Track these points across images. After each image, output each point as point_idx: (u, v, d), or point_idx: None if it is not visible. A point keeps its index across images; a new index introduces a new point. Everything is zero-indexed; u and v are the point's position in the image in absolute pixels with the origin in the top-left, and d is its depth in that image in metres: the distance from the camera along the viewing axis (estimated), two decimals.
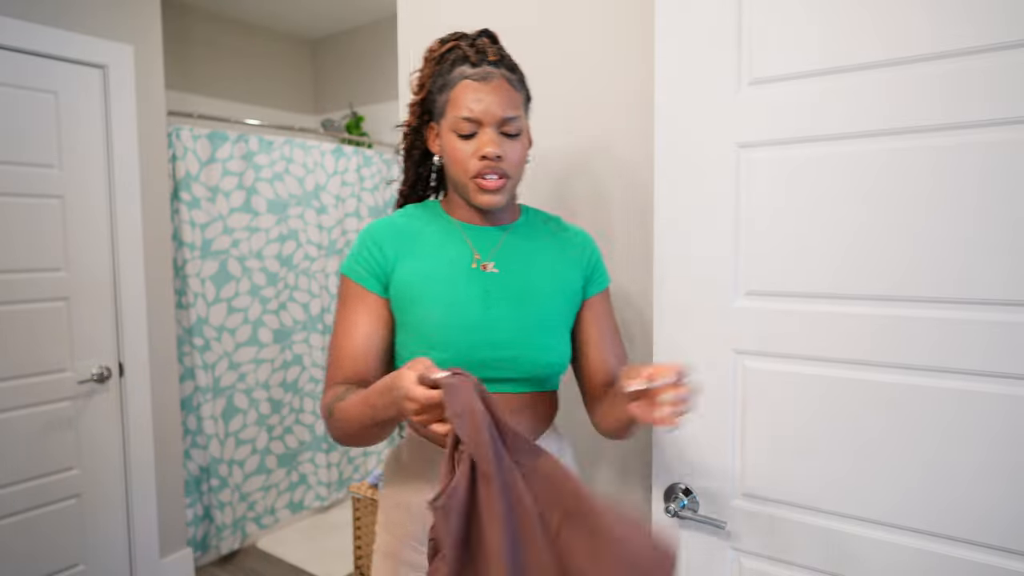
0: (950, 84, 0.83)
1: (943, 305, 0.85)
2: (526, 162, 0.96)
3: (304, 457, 3.04)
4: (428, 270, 0.93)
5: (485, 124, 0.89)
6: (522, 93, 0.94)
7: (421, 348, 0.90)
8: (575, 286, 1.00)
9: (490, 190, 0.90)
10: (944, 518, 0.87)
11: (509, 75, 0.92)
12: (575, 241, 1.03)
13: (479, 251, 0.96)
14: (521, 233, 1.00)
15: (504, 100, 0.89)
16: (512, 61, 0.95)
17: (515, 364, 0.92)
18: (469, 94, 0.89)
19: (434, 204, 1.03)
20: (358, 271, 0.94)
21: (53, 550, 2.08)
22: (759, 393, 1.00)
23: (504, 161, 0.90)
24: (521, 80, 0.95)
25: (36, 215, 2.00)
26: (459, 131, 0.90)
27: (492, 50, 0.92)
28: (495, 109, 0.89)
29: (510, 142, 0.91)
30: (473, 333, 0.90)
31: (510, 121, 0.90)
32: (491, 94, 0.89)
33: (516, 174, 0.93)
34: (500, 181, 0.90)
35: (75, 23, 2.06)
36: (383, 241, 0.95)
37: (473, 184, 0.91)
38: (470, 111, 0.89)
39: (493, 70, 0.90)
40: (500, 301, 0.93)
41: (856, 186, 0.90)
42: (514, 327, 0.92)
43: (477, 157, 0.89)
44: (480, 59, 0.91)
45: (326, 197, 3.01)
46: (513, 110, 0.90)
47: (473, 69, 0.90)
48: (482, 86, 0.89)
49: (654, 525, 1.12)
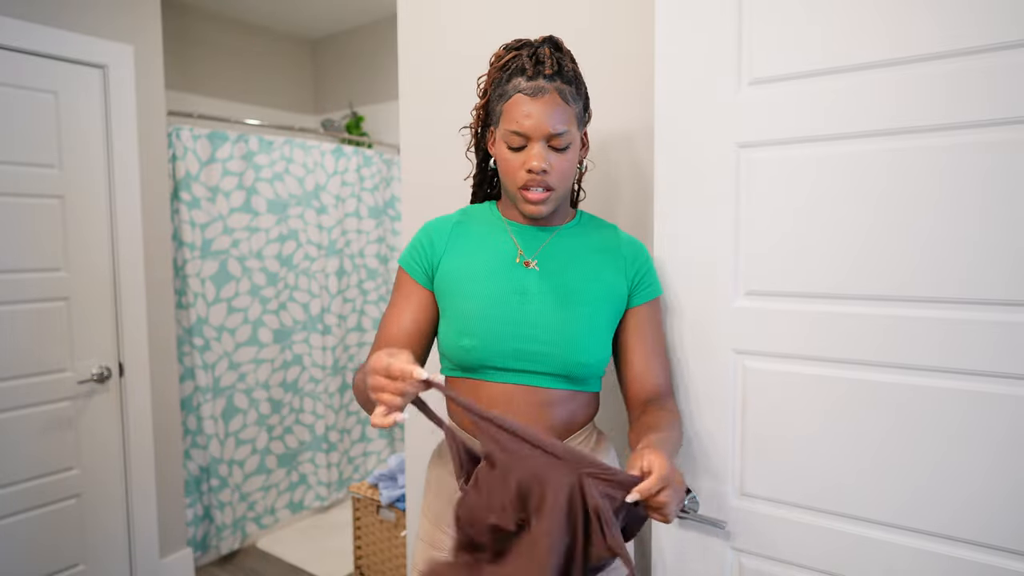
0: (951, 84, 0.83)
1: (943, 305, 0.85)
2: (581, 168, 1.04)
3: (304, 457, 3.04)
4: (472, 264, 0.99)
5: (533, 139, 0.92)
6: (576, 105, 0.94)
7: (455, 335, 0.96)
8: (618, 291, 1.00)
9: (534, 202, 0.94)
10: (944, 518, 0.87)
11: (564, 87, 0.92)
12: (624, 249, 1.03)
13: (524, 249, 1.00)
14: (569, 235, 1.03)
15: (553, 116, 0.91)
16: (571, 71, 0.94)
17: (547, 359, 0.94)
18: (521, 108, 0.91)
19: (490, 204, 1.08)
20: (410, 263, 1.03)
21: (53, 550, 2.08)
22: (759, 393, 1.00)
23: (550, 175, 0.93)
24: (578, 90, 0.95)
25: (36, 215, 2.00)
26: (510, 143, 0.94)
27: (550, 61, 0.92)
28: (544, 125, 0.91)
29: (557, 155, 0.93)
30: (506, 325, 0.94)
31: (558, 136, 0.92)
32: (542, 109, 0.90)
33: (562, 185, 0.95)
34: (544, 194, 0.94)
35: (75, 23, 2.06)
36: (435, 236, 1.03)
37: (520, 194, 0.95)
38: (519, 126, 0.91)
39: (546, 84, 0.91)
40: (537, 297, 0.96)
41: (856, 186, 0.90)
42: (547, 323, 0.94)
43: (524, 170, 0.93)
44: (536, 72, 0.92)
45: (326, 197, 3.01)
46: (562, 125, 0.91)
47: (528, 82, 0.92)
48: (533, 101, 0.91)
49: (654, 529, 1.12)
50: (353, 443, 3.28)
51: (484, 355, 0.94)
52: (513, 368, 0.94)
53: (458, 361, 0.97)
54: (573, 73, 0.95)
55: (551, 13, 1.35)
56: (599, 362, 0.97)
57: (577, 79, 0.95)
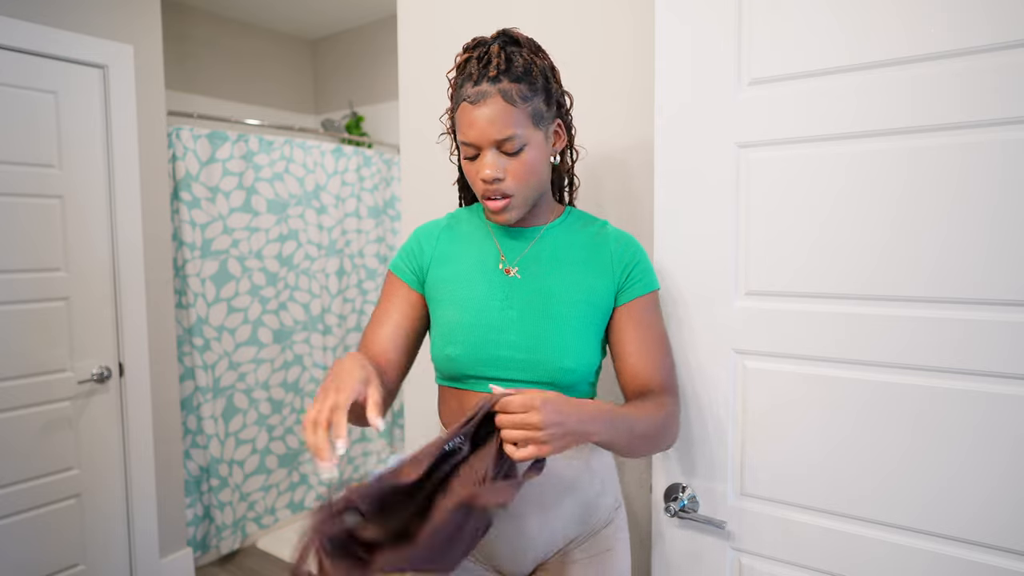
0: (954, 83, 0.83)
1: (944, 305, 0.85)
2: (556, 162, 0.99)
3: (304, 457, 3.04)
4: (456, 271, 0.98)
5: (483, 147, 0.89)
6: (527, 103, 0.88)
7: (441, 344, 0.95)
8: (602, 293, 0.95)
9: (495, 211, 0.92)
10: (945, 518, 0.87)
11: (509, 88, 0.86)
12: (612, 245, 0.98)
13: (507, 253, 0.98)
14: (553, 237, 0.99)
15: (497, 121, 0.86)
16: (522, 66, 0.88)
17: (531, 367, 0.92)
18: (465, 117, 0.89)
19: (478, 207, 1.06)
20: (400, 266, 1.02)
21: (53, 550, 2.08)
22: (759, 393, 1.00)
23: (505, 181, 0.90)
24: (532, 86, 0.89)
25: (36, 215, 2.00)
26: (464, 153, 0.92)
27: (496, 61, 0.87)
28: (487, 132, 0.87)
29: (512, 160, 0.89)
30: (488, 333, 0.93)
31: (506, 141, 0.87)
32: (484, 116, 0.86)
33: (522, 190, 0.91)
34: (503, 202, 0.91)
35: (75, 23, 2.06)
36: (424, 241, 1.02)
37: (484, 203, 0.93)
38: (465, 136, 0.89)
39: (489, 87, 0.86)
40: (517, 304, 0.94)
41: (856, 186, 0.90)
42: (528, 330, 0.92)
43: (479, 179, 0.91)
44: (481, 75, 0.87)
45: (326, 197, 3.01)
46: (508, 129, 0.87)
47: (472, 88, 0.87)
48: (476, 108, 0.87)
49: (654, 527, 1.12)
50: (353, 443, 3.28)
51: (468, 364, 0.93)
52: (498, 377, 0.93)
53: (444, 370, 0.96)
54: (524, 68, 0.88)
55: (551, 13, 1.35)
56: (586, 367, 0.93)
57: (531, 73, 0.89)
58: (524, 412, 0.73)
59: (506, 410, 0.74)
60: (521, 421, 0.73)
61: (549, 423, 0.73)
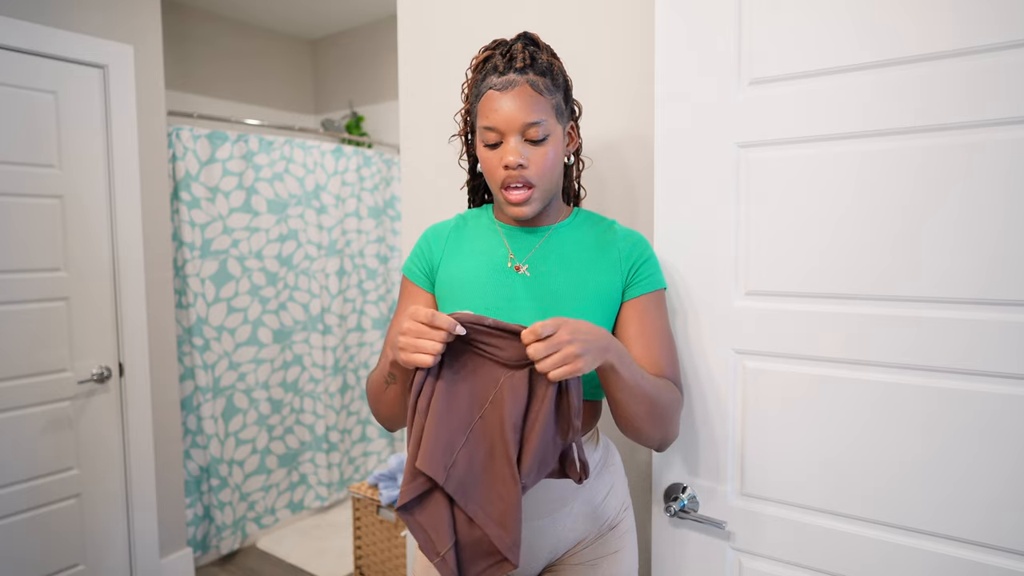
0: (957, 83, 0.83)
1: (945, 305, 0.85)
2: (570, 163, 1.02)
3: (304, 457, 3.04)
4: (465, 270, 0.99)
5: (508, 133, 0.90)
6: (552, 96, 0.92)
7: None
8: (610, 291, 0.96)
9: (515, 202, 0.92)
10: (951, 519, 0.87)
11: (536, 79, 0.90)
12: (620, 244, 0.99)
13: (516, 253, 0.98)
14: (562, 236, 1.00)
15: (524, 106, 0.89)
16: (545, 63, 0.92)
17: None
18: (491, 103, 0.90)
19: (486, 207, 1.07)
20: (411, 268, 1.04)
21: (53, 550, 2.08)
22: (759, 393, 1.00)
23: (528, 169, 0.90)
24: (555, 82, 0.93)
25: (36, 215, 2.00)
26: (486, 140, 0.92)
27: (522, 55, 0.91)
28: (515, 117, 0.88)
29: (535, 148, 0.90)
30: None
31: (532, 126, 0.89)
32: (512, 101, 0.89)
33: (543, 181, 0.92)
34: (526, 192, 0.91)
35: (75, 23, 2.06)
36: (433, 241, 1.04)
37: (502, 195, 0.93)
38: (490, 120, 0.90)
39: (517, 77, 0.89)
40: (527, 303, 0.94)
41: (857, 185, 0.90)
42: None
43: (502, 166, 0.91)
44: (507, 67, 0.90)
45: (326, 197, 3.01)
46: (535, 115, 0.89)
47: (499, 78, 0.90)
48: (503, 95, 0.89)
49: (654, 528, 1.12)
50: (353, 443, 3.28)
51: None
52: None
53: None
54: (548, 65, 0.92)
55: (551, 12, 1.35)
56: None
57: (553, 71, 0.93)
58: (554, 331, 0.75)
59: (535, 332, 0.75)
60: (556, 341, 0.75)
61: (578, 337, 0.76)
